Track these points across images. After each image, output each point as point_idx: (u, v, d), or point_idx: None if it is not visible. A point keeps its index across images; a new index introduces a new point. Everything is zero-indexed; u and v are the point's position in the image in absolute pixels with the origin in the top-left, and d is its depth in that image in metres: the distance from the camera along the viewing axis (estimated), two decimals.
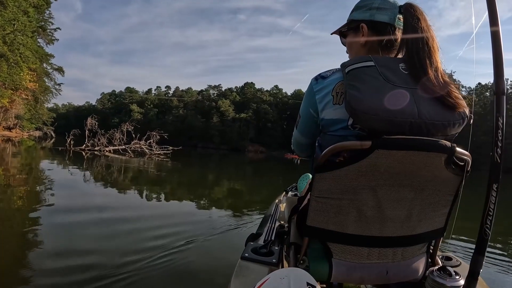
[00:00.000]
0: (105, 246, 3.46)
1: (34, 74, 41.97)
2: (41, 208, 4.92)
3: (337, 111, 1.04)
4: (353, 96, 0.95)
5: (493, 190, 0.96)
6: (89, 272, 2.72)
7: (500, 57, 0.96)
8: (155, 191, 8.21)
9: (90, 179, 8.93)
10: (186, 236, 3.98)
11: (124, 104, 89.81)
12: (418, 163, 0.97)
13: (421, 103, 0.95)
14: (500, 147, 0.95)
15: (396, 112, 0.93)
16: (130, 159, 18.14)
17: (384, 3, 1.15)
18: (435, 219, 1.11)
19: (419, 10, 1.07)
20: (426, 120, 0.94)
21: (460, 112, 0.98)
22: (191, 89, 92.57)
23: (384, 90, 0.95)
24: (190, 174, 14.47)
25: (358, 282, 1.18)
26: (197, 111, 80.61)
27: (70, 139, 21.41)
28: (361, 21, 1.18)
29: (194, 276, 2.93)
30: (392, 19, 1.13)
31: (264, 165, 31.14)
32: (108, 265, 2.90)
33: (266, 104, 77.50)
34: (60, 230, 3.91)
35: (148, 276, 2.79)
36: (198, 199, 7.56)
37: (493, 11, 0.97)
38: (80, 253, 3.17)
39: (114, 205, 5.90)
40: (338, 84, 1.05)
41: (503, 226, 6.58)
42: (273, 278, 0.92)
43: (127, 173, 11.59)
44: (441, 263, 1.17)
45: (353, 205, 1.03)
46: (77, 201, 5.95)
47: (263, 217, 2.08)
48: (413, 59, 1.01)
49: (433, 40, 1.03)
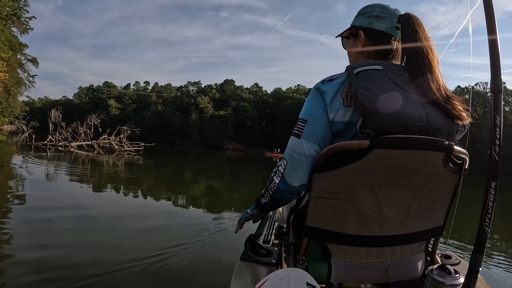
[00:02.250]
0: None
1: (4, 64, 40.22)
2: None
3: (348, 114, 1.01)
4: (365, 96, 0.93)
5: (492, 188, 0.97)
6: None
7: (497, 56, 0.98)
8: (118, 197, 7.25)
9: (41, 178, 8.34)
10: (179, 239, 3.94)
11: (101, 99, 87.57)
12: (416, 162, 0.98)
13: (428, 109, 0.98)
14: (498, 145, 0.96)
15: (407, 115, 0.94)
16: (97, 156, 17.29)
17: (384, 11, 1.16)
18: (433, 217, 1.12)
19: (417, 21, 1.08)
20: (434, 125, 0.97)
21: (463, 124, 1.02)
22: (170, 85, 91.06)
23: (395, 93, 0.96)
24: (163, 173, 13.74)
25: (358, 282, 1.19)
26: (175, 107, 79.51)
27: (29, 133, 19.86)
28: (360, 28, 1.19)
29: (194, 277, 2.93)
30: (390, 28, 1.14)
31: (243, 163, 31.03)
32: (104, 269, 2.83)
33: (245, 102, 77.28)
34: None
35: (147, 278, 2.77)
36: (179, 199, 7.49)
37: (490, 10, 0.98)
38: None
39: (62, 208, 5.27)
40: (346, 87, 1.02)
41: (502, 225, 6.79)
42: (273, 278, 0.92)
43: (85, 172, 10.61)
44: (441, 262, 1.18)
45: (351, 205, 1.03)
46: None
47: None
48: (414, 70, 1.03)
49: (432, 53, 1.05)
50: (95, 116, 22.67)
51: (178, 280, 2.82)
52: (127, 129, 22.60)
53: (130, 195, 7.39)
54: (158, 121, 76.87)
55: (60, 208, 5.15)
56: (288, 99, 73.27)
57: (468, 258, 1.07)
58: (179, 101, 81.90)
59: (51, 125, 20.70)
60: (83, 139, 21.36)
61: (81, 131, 21.54)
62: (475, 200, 2.56)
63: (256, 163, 31.04)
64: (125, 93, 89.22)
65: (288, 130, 13.28)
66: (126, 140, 22.46)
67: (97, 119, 22.46)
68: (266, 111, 77.64)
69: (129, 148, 21.83)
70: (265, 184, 1.19)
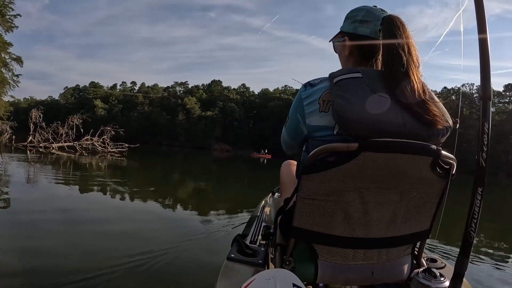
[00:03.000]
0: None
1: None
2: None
3: (323, 119, 1.05)
4: (340, 105, 0.97)
5: (478, 194, 0.97)
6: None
7: (487, 63, 0.98)
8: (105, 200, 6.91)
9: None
10: (165, 241, 3.91)
11: (88, 99, 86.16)
12: (404, 165, 0.99)
13: (405, 114, 0.99)
14: (485, 151, 0.97)
15: (383, 121, 0.97)
16: (78, 157, 16.76)
17: (368, 15, 1.18)
18: (420, 221, 1.13)
19: (397, 22, 1.09)
20: (411, 130, 0.98)
21: (439, 128, 1.02)
22: (157, 86, 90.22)
23: (371, 100, 0.98)
24: (148, 175, 13.36)
25: (344, 283, 1.19)
26: (162, 108, 78.88)
27: (8, 133, 19.14)
28: (346, 34, 1.22)
29: (180, 278, 2.92)
30: (374, 32, 1.16)
31: (230, 164, 30.90)
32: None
33: (233, 103, 77.11)
34: None
35: (132, 279, 2.75)
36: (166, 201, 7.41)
37: (481, 18, 0.99)
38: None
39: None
40: (325, 93, 1.06)
41: (487, 228, 6.90)
42: (259, 279, 0.92)
43: (66, 174, 10.26)
44: (426, 265, 1.19)
45: (339, 207, 1.03)
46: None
47: (249, 218, 2.07)
48: (391, 74, 1.04)
49: (411, 55, 1.05)
50: (77, 116, 21.96)
51: (164, 281, 2.80)
52: (111, 130, 21.88)
53: (114, 198, 7.24)
54: (145, 122, 76.30)
55: (41, 211, 5.04)
56: (276, 100, 73.38)
57: (453, 262, 1.08)
58: (166, 101, 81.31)
59: (31, 125, 19.92)
60: (64, 140, 20.65)
61: (62, 132, 20.76)
62: (459, 200, 2.60)
63: (244, 164, 30.98)
64: (112, 93, 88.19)
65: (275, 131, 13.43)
66: (109, 141, 21.75)
67: (78, 119, 21.75)
68: (253, 111, 77.64)
69: (112, 150, 21.06)
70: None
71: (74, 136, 21.30)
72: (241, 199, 8.73)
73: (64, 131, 20.82)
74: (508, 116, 56.20)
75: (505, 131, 50.57)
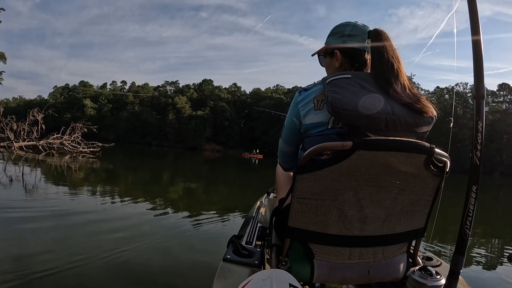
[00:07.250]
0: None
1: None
2: None
3: (318, 116, 1.13)
4: (334, 98, 1.04)
5: (473, 192, 0.99)
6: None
7: (480, 63, 0.99)
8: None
9: None
10: (159, 242, 3.87)
11: (77, 98, 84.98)
12: (398, 163, 0.99)
13: (394, 104, 1.05)
14: (479, 150, 0.98)
15: (373, 109, 1.03)
16: (41, 158, 14.31)
17: (355, 29, 1.27)
18: (415, 219, 1.14)
19: (384, 35, 1.18)
20: (399, 117, 1.03)
21: (426, 117, 1.08)
22: (147, 85, 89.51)
23: (361, 94, 1.05)
24: (127, 181, 11.04)
25: (340, 282, 1.20)
26: (152, 107, 78.22)
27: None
28: (335, 47, 1.30)
29: (175, 280, 2.86)
30: (362, 45, 1.26)
31: (220, 165, 30.32)
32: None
33: (224, 102, 76.88)
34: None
35: (125, 281, 2.71)
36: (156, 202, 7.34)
37: (475, 19, 1.00)
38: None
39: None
40: (319, 93, 1.14)
41: (482, 224, 6.94)
42: (255, 279, 0.92)
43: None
44: (422, 263, 1.20)
45: (334, 206, 1.04)
46: None
47: (244, 219, 2.06)
48: (380, 76, 1.12)
49: (399, 62, 1.15)
50: (37, 111, 18.34)
51: (159, 283, 2.76)
52: (82, 127, 18.93)
53: (100, 200, 6.60)
54: (135, 122, 75.78)
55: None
56: (267, 99, 73.29)
57: (449, 260, 1.09)
58: (156, 101, 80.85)
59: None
60: (23, 138, 17.36)
61: (16, 128, 17.16)
62: (454, 199, 2.62)
63: (234, 165, 30.73)
64: (101, 92, 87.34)
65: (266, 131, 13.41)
66: (81, 139, 18.85)
67: (40, 114, 18.15)
68: (244, 111, 77.52)
69: (84, 150, 18.37)
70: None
71: (39, 133, 18.09)
72: (233, 201, 8.53)
73: (24, 127, 17.43)
74: (502, 115, 57.01)
75: (498, 130, 51.28)
